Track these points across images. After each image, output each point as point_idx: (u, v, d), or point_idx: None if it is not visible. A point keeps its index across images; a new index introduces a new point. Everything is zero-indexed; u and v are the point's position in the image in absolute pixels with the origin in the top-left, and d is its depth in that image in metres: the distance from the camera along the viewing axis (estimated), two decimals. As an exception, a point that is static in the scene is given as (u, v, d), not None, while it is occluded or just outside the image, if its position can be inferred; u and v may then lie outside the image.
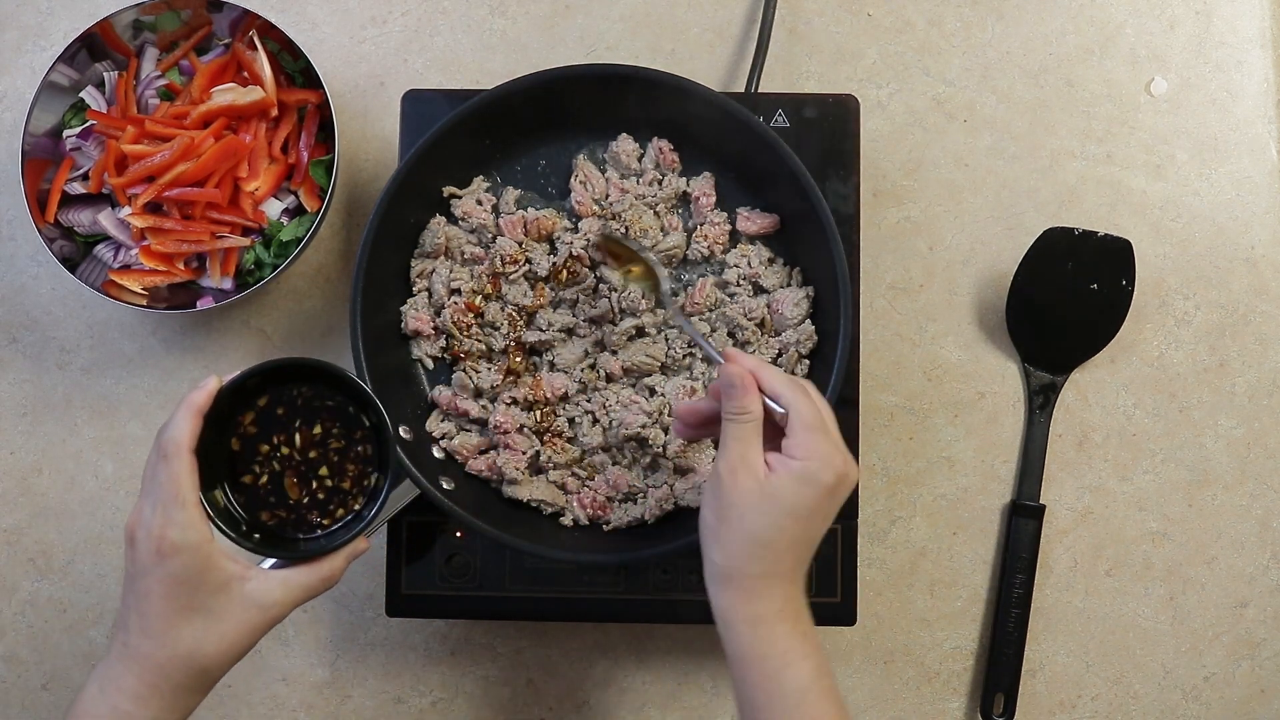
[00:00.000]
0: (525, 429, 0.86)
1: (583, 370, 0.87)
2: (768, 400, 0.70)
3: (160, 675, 0.67)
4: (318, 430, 0.76)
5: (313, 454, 0.76)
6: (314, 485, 0.76)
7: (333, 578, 0.73)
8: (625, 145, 0.89)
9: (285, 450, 0.75)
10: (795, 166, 0.83)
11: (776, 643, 0.67)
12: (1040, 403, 0.95)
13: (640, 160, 0.89)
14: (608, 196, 0.89)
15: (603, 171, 0.90)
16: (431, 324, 0.88)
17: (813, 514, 0.67)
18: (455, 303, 0.87)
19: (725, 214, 0.88)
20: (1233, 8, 0.99)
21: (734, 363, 0.70)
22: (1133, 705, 0.94)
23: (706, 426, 0.75)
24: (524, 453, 0.86)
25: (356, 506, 0.76)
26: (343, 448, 0.76)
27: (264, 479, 0.75)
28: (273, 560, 0.73)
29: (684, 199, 0.90)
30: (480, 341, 0.87)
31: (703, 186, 0.89)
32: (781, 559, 0.67)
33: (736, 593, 0.68)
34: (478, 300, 0.88)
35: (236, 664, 0.70)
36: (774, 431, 0.70)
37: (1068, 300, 0.94)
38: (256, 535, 0.74)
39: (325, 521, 0.76)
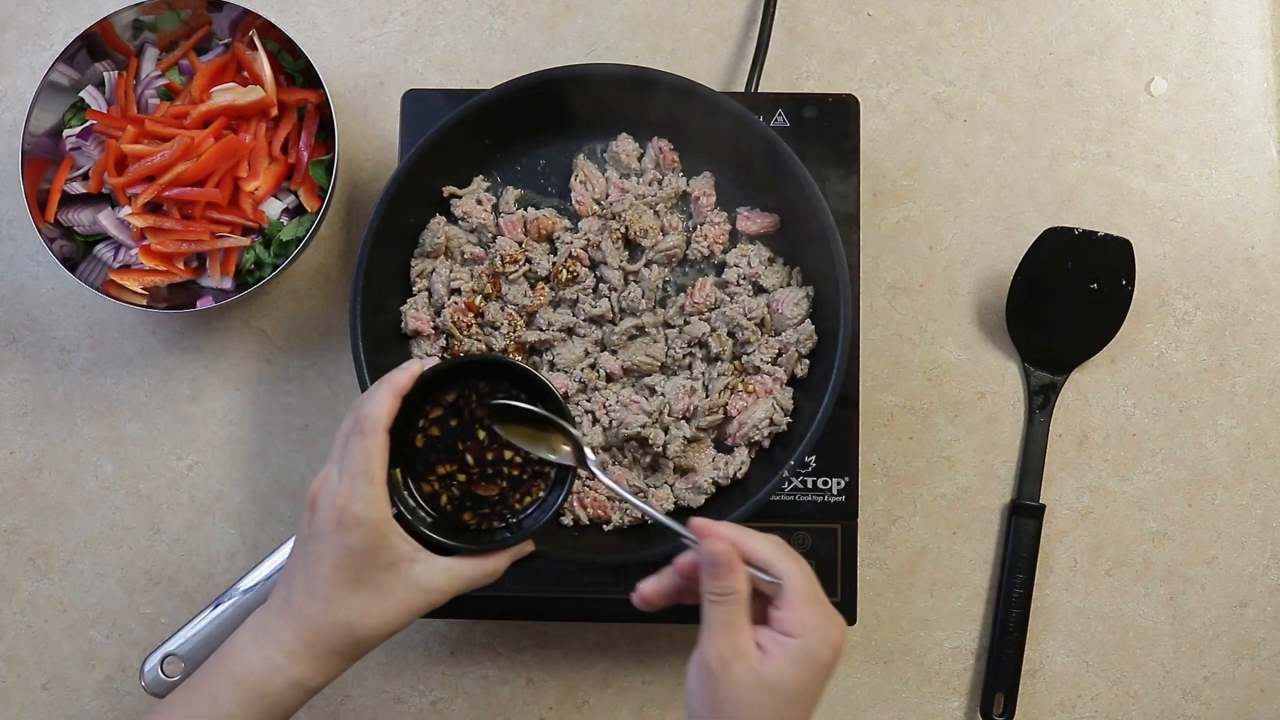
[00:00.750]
0: (525, 429, 0.86)
1: (583, 370, 0.87)
2: (754, 572, 0.65)
3: (318, 637, 0.68)
4: (490, 440, 0.75)
5: (489, 453, 0.75)
6: (499, 481, 0.75)
7: (495, 574, 0.73)
8: (625, 145, 0.89)
9: (463, 449, 0.75)
10: (795, 166, 0.83)
11: None
12: (1040, 402, 0.95)
13: (640, 160, 0.89)
14: (608, 196, 0.89)
15: (603, 171, 0.90)
16: (431, 324, 0.88)
17: (813, 694, 0.64)
18: (455, 303, 0.87)
19: (725, 214, 0.88)
20: (1233, 8, 0.99)
21: (714, 537, 0.65)
22: (1133, 705, 0.94)
23: (672, 600, 0.70)
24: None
25: (518, 506, 0.75)
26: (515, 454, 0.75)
27: (448, 470, 0.75)
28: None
29: (684, 199, 0.90)
30: (480, 341, 0.87)
31: (703, 186, 0.89)
32: None
33: None
34: (478, 300, 0.88)
35: (386, 640, 0.71)
36: (755, 601, 0.65)
37: (1068, 300, 0.94)
38: (428, 521, 0.74)
39: (485, 518, 0.75)
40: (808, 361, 0.86)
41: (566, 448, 0.74)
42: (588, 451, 0.73)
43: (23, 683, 0.94)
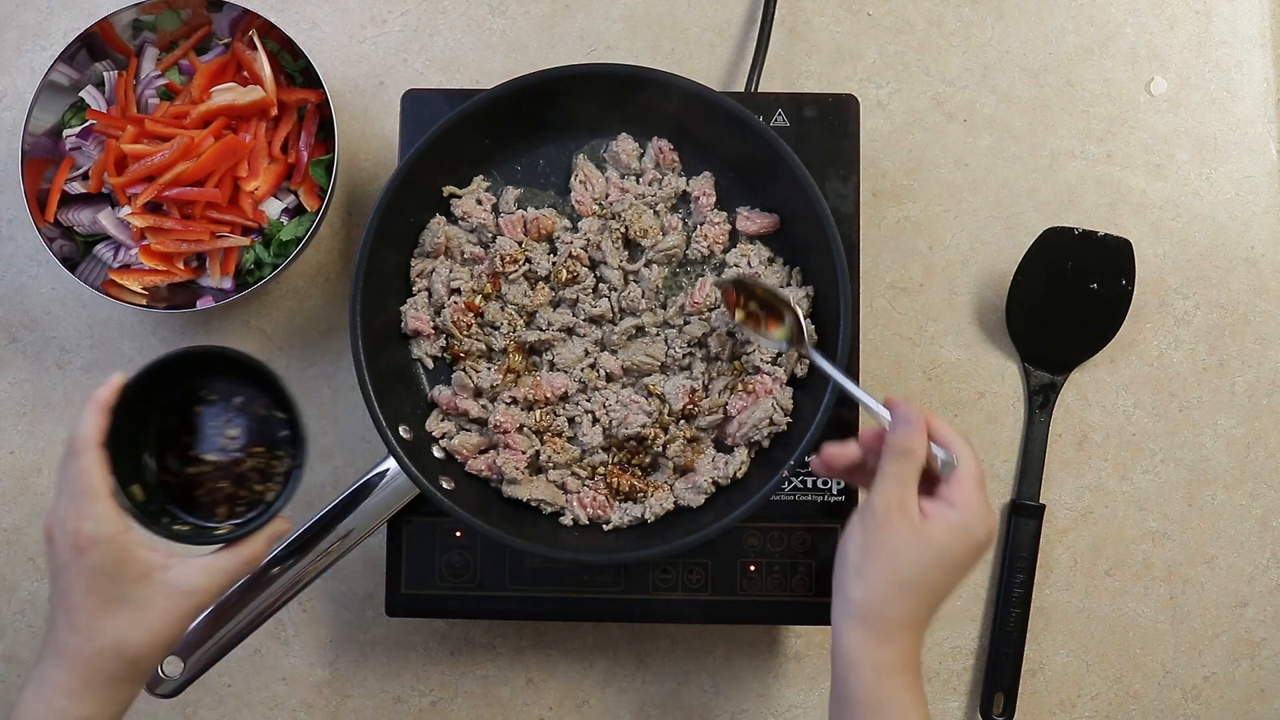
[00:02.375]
0: (525, 429, 0.86)
1: (583, 370, 0.87)
2: (933, 448, 0.70)
3: (90, 669, 0.68)
4: (234, 431, 0.76)
5: (230, 442, 0.76)
6: (233, 472, 0.76)
7: (255, 560, 0.73)
8: (625, 145, 0.89)
9: (199, 440, 0.76)
10: (795, 166, 0.82)
11: (898, 694, 0.67)
12: (1040, 402, 0.95)
13: (640, 160, 0.89)
14: (608, 196, 0.89)
15: (603, 171, 0.90)
16: (431, 324, 0.88)
17: (959, 566, 0.68)
18: (455, 302, 0.87)
19: (725, 214, 0.88)
20: (1233, 8, 0.99)
21: (907, 404, 0.70)
22: (1133, 705, 0.94)
23: (848, 472, 0.74)
24: (524, 452, 0.86)
25: (270, 495, 0.76)
26: (258, 435, 0.76)
27: (183, 468, 0.76)
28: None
29: (684, 199, 0.90)
30: (480, 341, 0.87)
31: (703, 186, 0.89)
32: (921, 607, 0.68)
33: (870, 634, 0.67)
34: (478, 300, 0.88)
35: (164, 655, 0.71)
36: (923, 480, 0.70)
37: (1068, 300, 0.94)
38: (178, 526, 0.74)
39: (241, 508, 0.76)
40: (808, 361, 0.86)
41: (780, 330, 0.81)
42: (806, 332, 0.80)
43: (22, 682, 0.94)
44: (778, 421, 0.85)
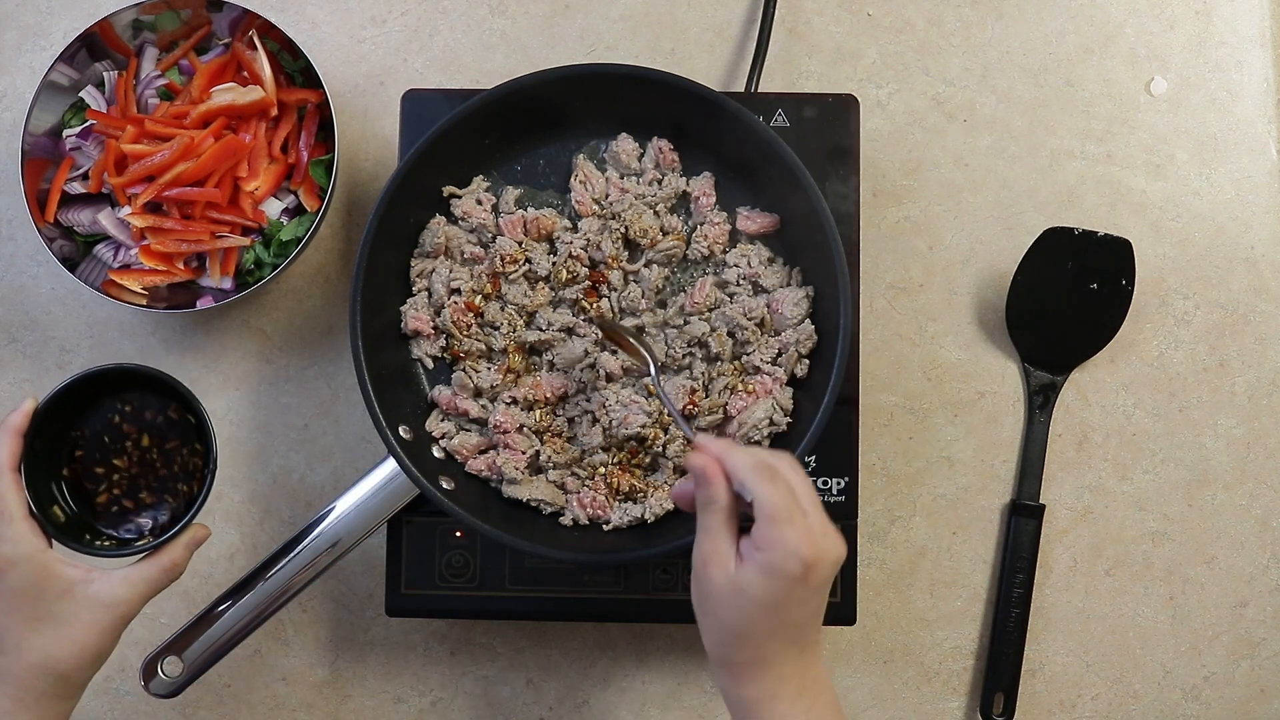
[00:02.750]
0: (525, 429, 0.86)
1: (583, 370, 0.87)
2: (738, 487, 0.67)
3: (22, 688, 0.69)
4: (146, 440, 0.79)
5: (148, 455, 0.79)
6: (150, 483, 0.78)
7: (175, 567, 0.75)
8: (625, 145, 0.89)
9: (119, 459, 0.78)
10: (795, 166, 0.82)
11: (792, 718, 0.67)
12: (1040, 402, 0.95)
13: (640, 160, 0.89)
14: (608, 196, 0.89)
15: (603, 171, 0.90)
16: (431, 324, 0.88)
17: (785, 604, 0.65)
18: (455, 302, 0.87)
19: (725, 214, 0.88)
20: (1233, 8, 0.99)
21: (700, 451, 0.68)
22: (1133, 705, 0.94)
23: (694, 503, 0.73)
24: (524, 452, 0.86)
25: (187, 498, 0.79)
26: (175, 446, 0.79)
27: (101, 486, 0.78)
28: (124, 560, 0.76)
29: (684, 199, 0.90)
30: (480, 341, 0.87)
31: (703, 186, 0.89)
32: (763, 647, 0.66)
33: (727, 676, 0.68)
34: (478, 300, 0.88)
35: (95, 668, 0.73)
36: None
37: (1068, 300, 0.94)
38: (101, 542, 0.76)
39: (163, 518, 0.79)
40: (808, 361, 0.86)
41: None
42: (652, 366, 0.81)
43: None
44: (778, 421, 0.85)
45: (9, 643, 0.69)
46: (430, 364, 0.89)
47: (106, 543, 0.77)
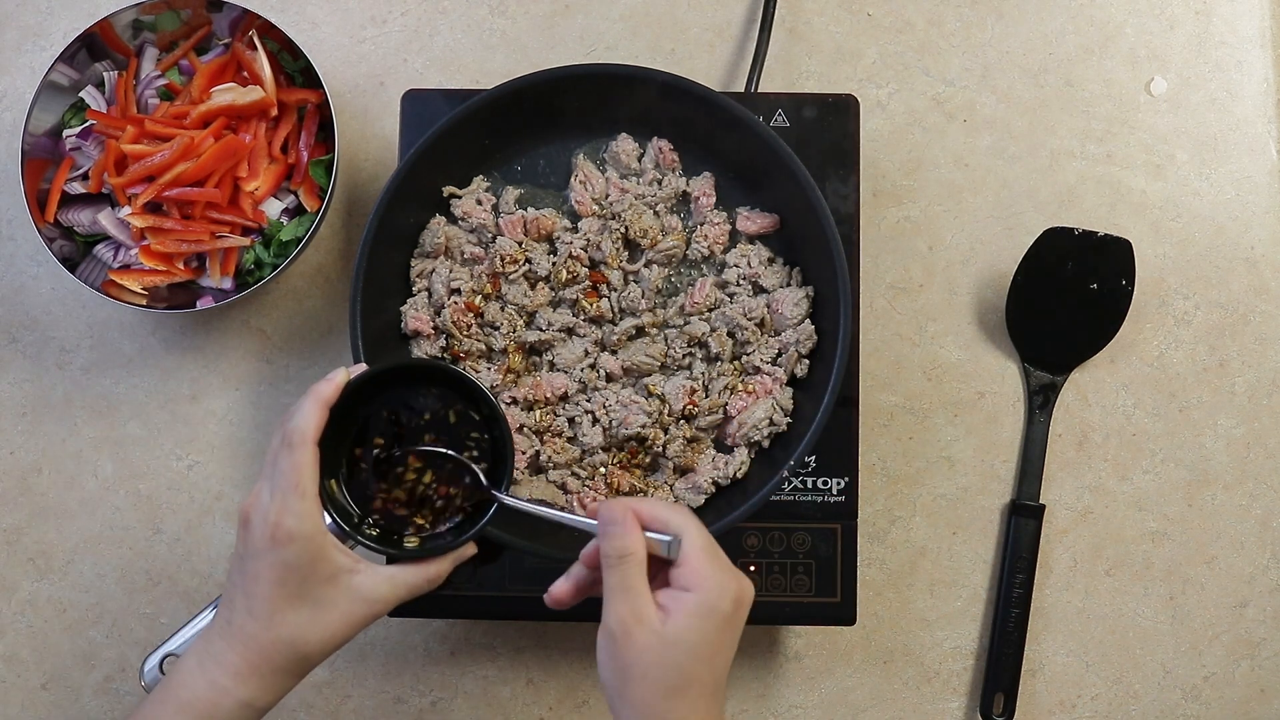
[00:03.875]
0: (525, 429, 0.86)
1: (583, 370, 0.87)
2: (650, 535, 0.66)
3: (262, 656, 0.68)
4: (429, 436, 0.75)
5: (424, 460, 0.75)
6: (425, 488, 0.75)
7: (437, 579, 0.73)
8: (625, 145, 0.89)
9: (399, 452, 0.75)
10: (795, 166, 0.83)
11: None
12: (1040, 402, 0.95)
13: (640, 160, 0.89)
14: (608, 196, 0.89)
15: (603, 171, 0.90)
16: (431, 324, 0.88)
17: (718, 649, 0.64)
18: (455, 303, 0.87)
19: (725, 214, 0.88)
20: (1233, 8, 0.99)
21: (607, 504, 0.66)
22: (1133, 705, 0.94)
23: (582, 594, 0.70)
24: (524, 452, 0.86)
25: (459, 515, 0.75)
26: (453, 456, 0.75)
27: (380, 477, 0.75)
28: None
29: (684, 199, 0.90)
30: (480, 341, 0.87)
31: (703, 186, 0.89)
32: (700, 699, 0.64)
33: None
34: (478, 300, 0.88)
35: (330, 655, 0.71)
36: (655, 567, 0.66)
37: (1068, 300, 0.94)
38: (370, 532, 0.74)
39: (426, 523, 0.75)
40: (808, 361, 0.86)
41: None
42: (482, 477, 0.74)
43: (23, 683, 0.94)
44: (778, 422, 0.85)
45: (262, 611, 0.68)
46: (430, 364, 0.89)
47: (373, 532, 0.73)
